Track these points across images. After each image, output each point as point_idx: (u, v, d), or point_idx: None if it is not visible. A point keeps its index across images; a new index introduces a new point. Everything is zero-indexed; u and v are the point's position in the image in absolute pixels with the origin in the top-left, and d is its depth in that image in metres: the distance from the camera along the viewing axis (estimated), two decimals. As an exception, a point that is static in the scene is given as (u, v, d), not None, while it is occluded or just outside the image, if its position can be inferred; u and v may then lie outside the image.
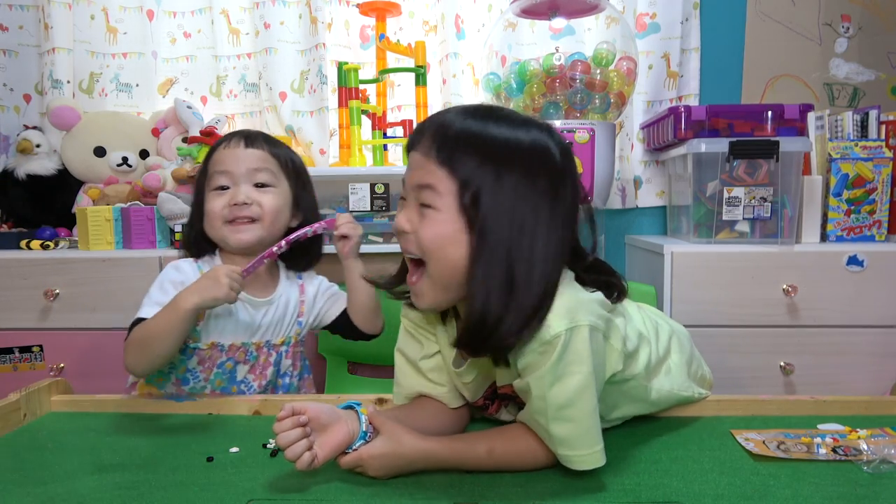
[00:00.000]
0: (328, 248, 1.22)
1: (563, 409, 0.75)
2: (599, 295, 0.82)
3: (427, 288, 0.80)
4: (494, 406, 0.91)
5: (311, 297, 1.21)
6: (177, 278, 1.10)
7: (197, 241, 1.15)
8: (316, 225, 1.09)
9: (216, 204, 1.10)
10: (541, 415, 0.77)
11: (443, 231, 0.76)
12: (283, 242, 1.07)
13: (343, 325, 1.22)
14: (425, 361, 0.90)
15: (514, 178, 0.76)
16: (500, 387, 0.86)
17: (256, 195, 1.11)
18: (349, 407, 0.81)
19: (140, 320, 1.05)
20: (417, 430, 0.80)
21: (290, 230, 1.14)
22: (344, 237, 1.13)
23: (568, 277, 0.80)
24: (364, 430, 0.78)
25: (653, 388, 0.93)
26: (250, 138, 1.14)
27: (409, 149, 0.82)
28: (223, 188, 1.11)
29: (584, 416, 0.76)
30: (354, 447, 0.77)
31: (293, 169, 1.17)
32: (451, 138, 0.77)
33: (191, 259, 1.16)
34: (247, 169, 1.11)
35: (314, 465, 0.74)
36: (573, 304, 0.76)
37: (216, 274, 0.99)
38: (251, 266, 1.05)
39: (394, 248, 1.56)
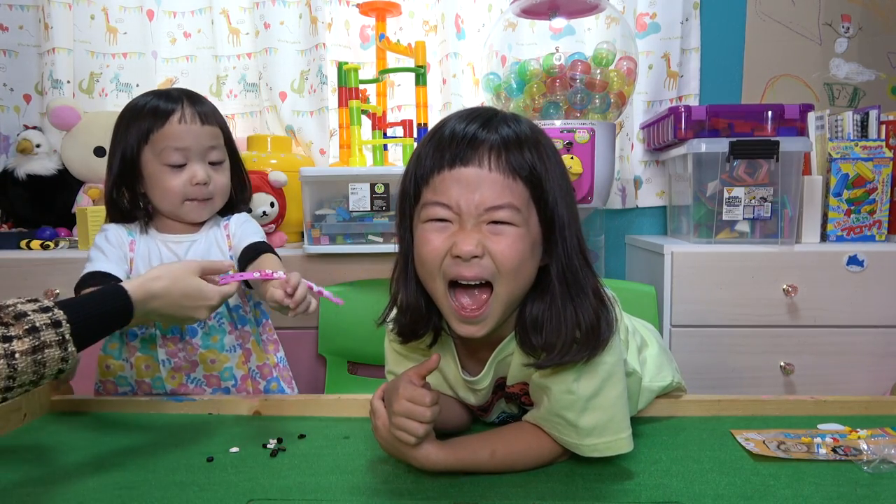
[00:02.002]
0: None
1: (592, 399, 0.76)
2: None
3: (496, 311, 0.75)
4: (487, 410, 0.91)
5: (234, 229, 1.18)
6: (112, 242, 1.12)
7: (133, 206, 1.14)
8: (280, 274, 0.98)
9: (175, 182, 1.10)
10: (569, 409, 0.76)
11: (524, 247, 0.73)
12: (264, 273, 0.99)
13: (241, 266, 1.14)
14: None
15: (562, 171, 0.76)
16: (509, 386, 0.86)
17: (212, 173, 1.12)
18: None
19: (89, 275, 1.06)
20: (441, 418, 0.81)
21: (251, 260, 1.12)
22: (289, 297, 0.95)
23: None
24: None
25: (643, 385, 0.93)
26: (204, 115, 1.11)
27: (454, 164, 0.72)
28: (180, 166, 1.10)
29: (611, 402, 0.77)
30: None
31: (229, 137, 1.18)
32: (516, 146, 0.73)
33: (115, 225, 1.15)
34: (203, 147, 1.11)
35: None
36: None
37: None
38: (232, 277, 1.02)
39: (393, 247, 1.56)
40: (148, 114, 1.10)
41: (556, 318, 0.75)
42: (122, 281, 0.98)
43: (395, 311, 0.84)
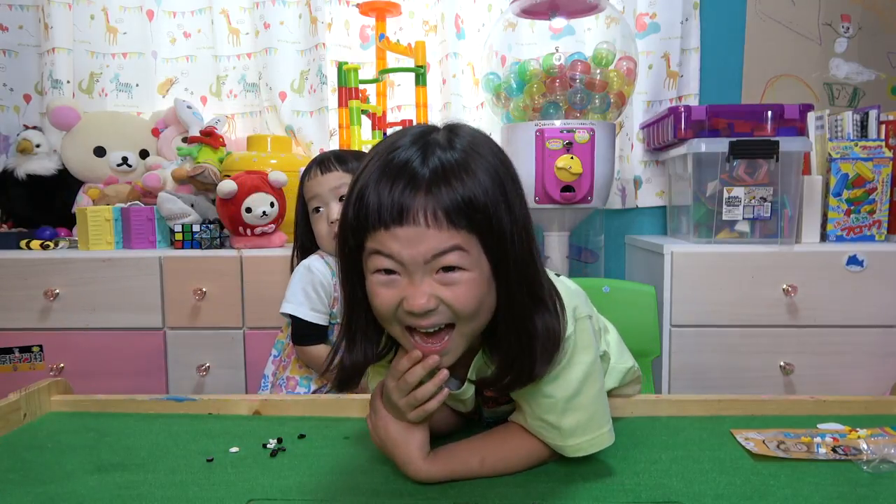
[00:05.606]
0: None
1: (572, 400, 0.76)
2: (565, 278, 0.82)
3: (458, 345, 0.73)
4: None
5: None
6: (316, 279, 1.32)
7: (307, 249, 1.40)
8: None
9: (322, 227, 1.35)
10: (550, 412, 0.76)
11: (479, 291, 0.69)
12: None
13: None
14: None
15: (509, 189, 0.70)
16: (487, 390, 0.85)
17: None
18: None
19: (302, 321, 1.31)
20: (433, 421, 0.80)
21: None
22: None
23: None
24: None
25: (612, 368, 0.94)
26: (323, 164, 1.34)
27: (389, 225, 0.66)
28: (318, 209, 1.35)
29: (591, 400, 0.77)
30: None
31: None
32: (449, 192, 0.65)
33: (315, 256, 1.36)
34: (329, 189, 1.33)
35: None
36: (567, 299, 0.77)
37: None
38: None
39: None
40: (301, 181, 1.38)
41: (506, 344, 0.73)
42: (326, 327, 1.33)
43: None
